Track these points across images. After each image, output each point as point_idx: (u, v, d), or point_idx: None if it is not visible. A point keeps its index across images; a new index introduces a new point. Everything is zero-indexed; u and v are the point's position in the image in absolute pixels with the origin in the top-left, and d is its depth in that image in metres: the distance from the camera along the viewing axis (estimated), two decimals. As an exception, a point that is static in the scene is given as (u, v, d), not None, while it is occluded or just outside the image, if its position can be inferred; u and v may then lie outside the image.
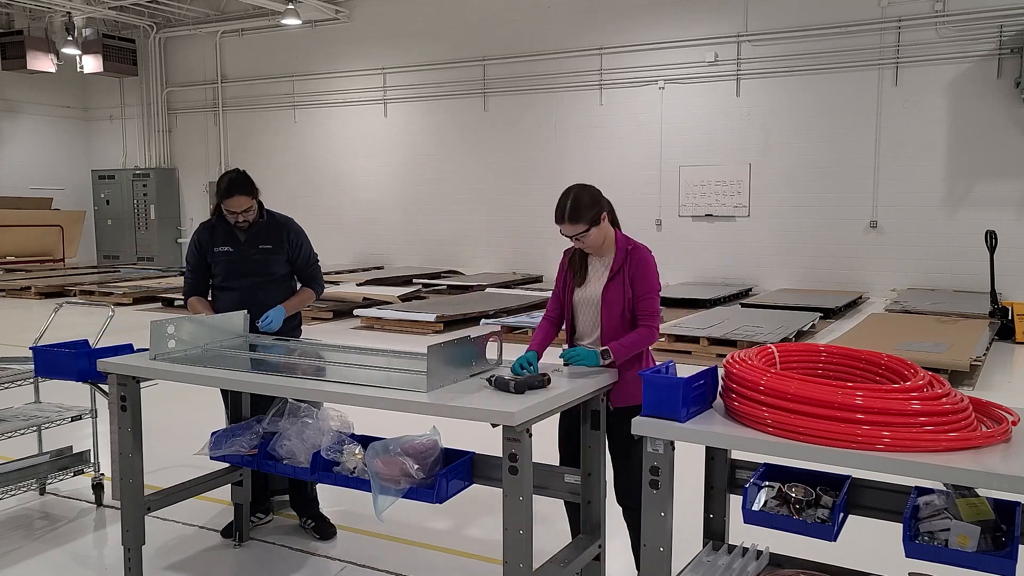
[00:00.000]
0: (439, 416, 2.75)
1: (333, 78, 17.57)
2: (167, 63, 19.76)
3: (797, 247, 13.60)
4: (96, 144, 21.23)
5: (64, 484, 4.74)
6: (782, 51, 13.41)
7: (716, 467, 2.92)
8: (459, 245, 16.54)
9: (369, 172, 17.46)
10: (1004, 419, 2.34)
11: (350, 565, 3.73)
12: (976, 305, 10.56)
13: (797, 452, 2.27)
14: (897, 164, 12.83)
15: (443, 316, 10.37)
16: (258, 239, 4.10)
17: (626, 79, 14.63)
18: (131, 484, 3.45)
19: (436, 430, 3.14)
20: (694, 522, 3.08)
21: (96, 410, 4.49)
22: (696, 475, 3.01)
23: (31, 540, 4.02)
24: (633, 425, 2.47)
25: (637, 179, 14.47)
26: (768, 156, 13.67)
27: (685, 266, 14.40)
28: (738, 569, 2.80)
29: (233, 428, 3.61)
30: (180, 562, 3.79)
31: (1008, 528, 2.32)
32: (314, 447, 3.31)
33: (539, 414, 2.73)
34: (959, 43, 12.30)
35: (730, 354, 2.67)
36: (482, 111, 16.06)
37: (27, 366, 4.47)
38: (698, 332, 8.83)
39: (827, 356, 2.77)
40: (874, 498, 2.65)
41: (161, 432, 5.69)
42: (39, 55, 17.91)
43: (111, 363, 3.43)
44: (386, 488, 2.94)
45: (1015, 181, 12.14)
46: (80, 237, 19.50)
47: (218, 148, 19.32)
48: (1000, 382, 7.44)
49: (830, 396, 2.26)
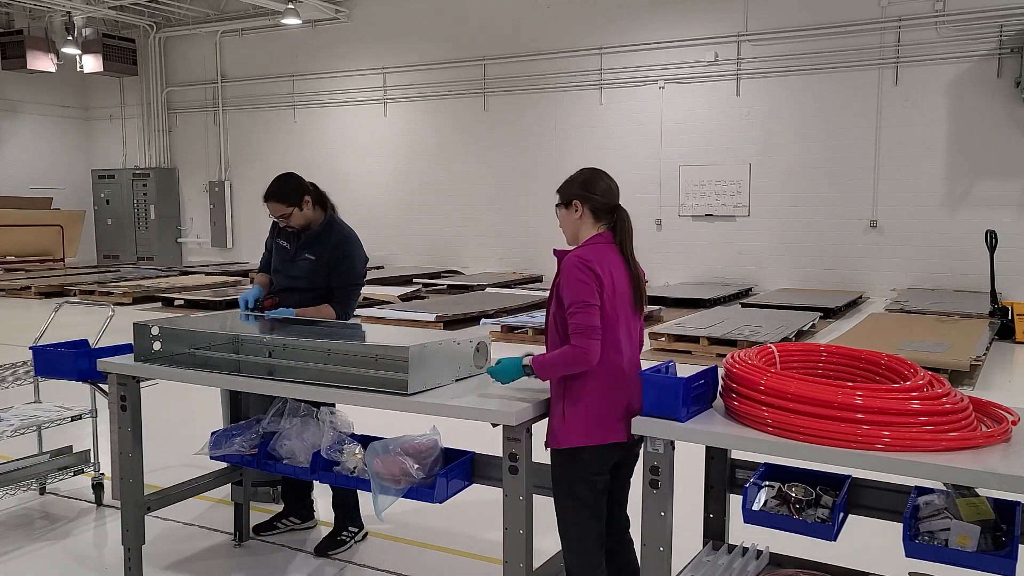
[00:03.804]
0: (439, 416, 2.75)
1: (333, 78, 17.57)
2: (167, 63, 19.77)
3: (797, 247, 13.60)
4: (96, 144, 21.23)
5: (64, 484, 4.74)
6: (782, 51, 13.41)
7: (716, 467, 2.92)
8: (459, 245, 16.54)
9: (369, 172, 17.46)
10: (1004, 419, 2.34)
11: (350, 565, 3.73)
12: (976, 305, 10.56)
13: (797, 452, 2.27)
14: (897, 164, 12.83)
15: (443, 316, 10.37)
16: (308, 247, 3.98)
17: (626, 79, 14.64)
18: (131, 484, 3.45)
19: (436, 430, 3.13)
20: (694, 522, 3.08)
21: (96, 410, 4.49)
22: (696, 475, 3.01)
23: (31, 540, 4.02)
24: (633, 425, 2.46)
25: (637, 179, 14.47)
26: (768, 156, 13.67)
27: (685, 266, 14.41)
28: (738, 569, 2.80)
29: (233, 428, 3.60)
30: (180, 562, 3.79)
31: (1008, 528, 2.32)
32: (314, 447, 3.31)
33: (539, 413, 2.73)
34: (959, 43, 12.30)
35: (730, 354, 2.67)
36: (482, 111, 16.06)
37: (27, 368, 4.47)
38: (698, 332, 8.83)
39: (827, 356, 2.77)
40: (874, 498, 2.65)
41: (161, 432, 5.69)
42: (39, 55, 17.91)
43: (111, 363, 3.43)
44: (386, 488, 2.94)
45: (1015, 181, 12.14)
46: (80, 237, 19.50)
47: (218, 148, 19.32)
48: (1000, 382, 7.44)
49: (830, 396, 2.26)
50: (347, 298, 4.04)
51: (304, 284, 3.99)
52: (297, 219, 3.94)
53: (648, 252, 14.52)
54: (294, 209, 3.90)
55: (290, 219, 3.93)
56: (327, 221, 4.03)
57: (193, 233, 20.07)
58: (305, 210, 3.94)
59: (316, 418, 3.43)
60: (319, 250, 3.97)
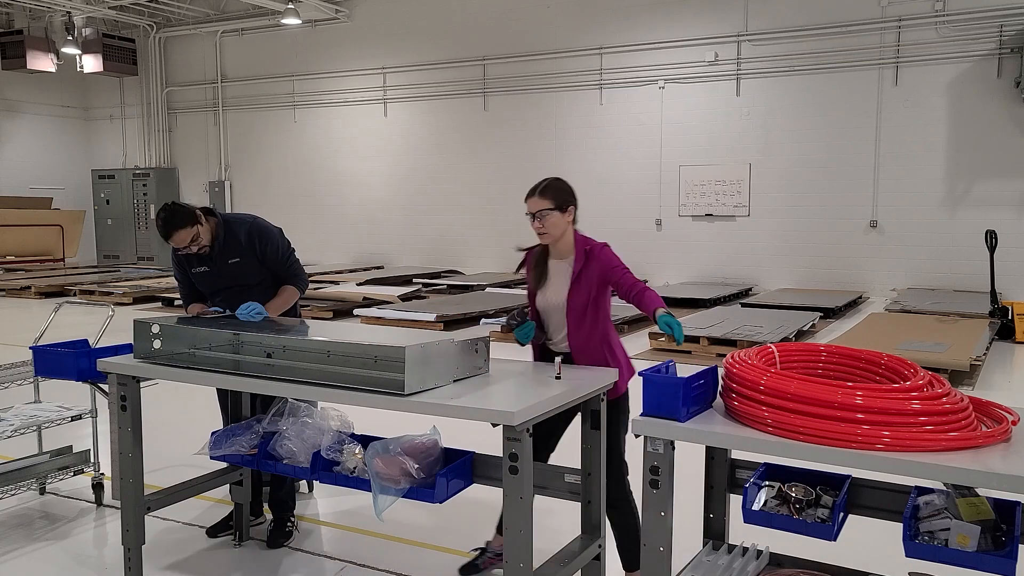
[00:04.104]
0: (439, 416, 2.75)
1: (333, 78, 17.57)
2: (167, 63, 19.77)
3: (797, 247, 13.61)
4: (96, 144, 21.24)
5: (64, 484, 4.74)
6: (782, 51, 13.41)
7: (716, 467, 2.92)
8: (459, 245, 16.54)
9: (369, 172, 17.46)
10: (1004, 419, 2.34)
11: (350, 565, 3.73)
12: (976, 305, 10.55)
13: (797, 452, 2.27)
14: (897, 164, 12.83)
15: (443, 316, 10.37)
16: (225, 255, 3.96)
17: (626, 79, 14.64)
18: (131, 484, 3.45)
19: (436, 430, 3.14)
20: (694, 522, 3.08)
21: (96, 410, 4.49)
22: (696, 475, 3.01)
23: (31, 540, 4.02)
24: (633, 425, 2.47)
25: (637, 179, 14.48)
26: (768, 156, 13.67)
27: (685, 266, 14.41)
28: (738, 569, 2.80)
29: (233, 428, 3.60)
30: (180, 562, 3.79)
31: (1008, 528, 2.32)
32: (314, 447, 3.31)
33: (539, 413, 2.73)
34: (959, 43, 12.30)
35: (730, 354, 2.67)
36: (482, 111, 16.06)
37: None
38: (698, 332, 8.83)
39: (827, 356, 2.77)
40: (874, 498, 2.65)
41: (161, 432, 5.70)
42: (39, 55, 17.91)
43: (111, 363, 3.43)
44: (386, 488, 2.94)
45: (1015, 181, 12.14)
46: (80, 237, 19.50)
47: (218, 148, 19.32)
48: (1000, 382, 7.44)
49: (830, 396, 2.26)
50: (293, 272, 4.11)
51: (250, 280, 3.98)
52: (205, 235, 3.88)
53: (648, 252, 14.54)
54: (198, 227, 3.82)
55: (200, 239, 3.85)
56: (222, 223, 3.98)
57: (193, 233, 20.05)
58: (207, 224, 3.90)
59: (316, 417, 3.43)
60: (236, 251, 3.96)
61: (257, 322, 3.55)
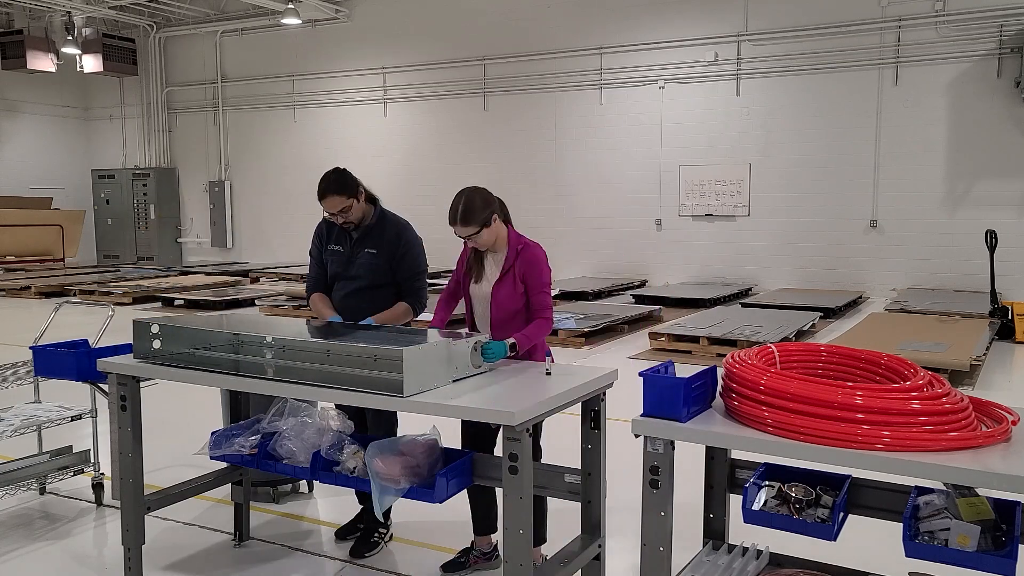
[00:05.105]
0: (439, 416, 2.75)
1: (333, 78, 17.57)
2: (167, 63, 19.77)
3: (797, 247, 13.61)
4: (96, 144, 21.24)
5: (64, 484, 4.74)
6: (782, 51, 13.41)
7: (716, 467, 2.92)
8: (459, 245, 16.45)
9: (369, 172, 17.43)
10: (1004, 419, 2.34)
11: (350, 565, 3.73)
12: (976, 305, 10.55)
13: (797, 452, 2.27)
14: (897, 164, 12.83)
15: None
16: (366, 242, 3.89)
17: (626, 79, 14.64)
18: (131, 484, 3.45)
19: (436, 430, 3.14)
20: (694, 522, 3.08)
21: (96, 410, 4.49)
22: (696, 475, 3.01)
23: (31, 539, 4.02)
24: (633, 425, 2.47)
25: (637, 179, 14.48)
26: (768, 156, 13.67)
27: (685, 266, 14.41)
28: (738, 569, 2.80)
29: (233, 428, 3.60)
30: (180, 562, 3.79)
31: (1008, 528, 2.32)
32: (314, 447, 3.31)
33: (539, 414, 2.73)
34: (959, 43, 12.30)
35: (730, 354, 2.66)
36: (482, 111, 16.06)
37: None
38: (698, 332, 8.83)
39: (827, 356, 2.77)
40: (874, 498, 2.65)
41: (161, 432, 5.69)
42: (39, 55, 17.91)
43: (111, 363, 3.43)
44: (386, 488, 2.94)
45: (1015, 181, 12.14)
46: (80, 237, 19.50)
47: (218, 148, 19.32)
48: (1000, 382, 7.44)
49: (830, 396, 2.26)
50: (417, 289, 3.97)
51: (366, 282, 3.87)
52: (356, 212, 3.83)
53: (648, 252, 14.54)
54: (353, 201, 3.79)
55: (350, 213, 3.80)
56: (379, 213, 3.94)
57: (193, 233, 20.07)
58: (363, 204, 3.85)
59: (316, 417, 3.43)
60: (377, 243, 3.88)
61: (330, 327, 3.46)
